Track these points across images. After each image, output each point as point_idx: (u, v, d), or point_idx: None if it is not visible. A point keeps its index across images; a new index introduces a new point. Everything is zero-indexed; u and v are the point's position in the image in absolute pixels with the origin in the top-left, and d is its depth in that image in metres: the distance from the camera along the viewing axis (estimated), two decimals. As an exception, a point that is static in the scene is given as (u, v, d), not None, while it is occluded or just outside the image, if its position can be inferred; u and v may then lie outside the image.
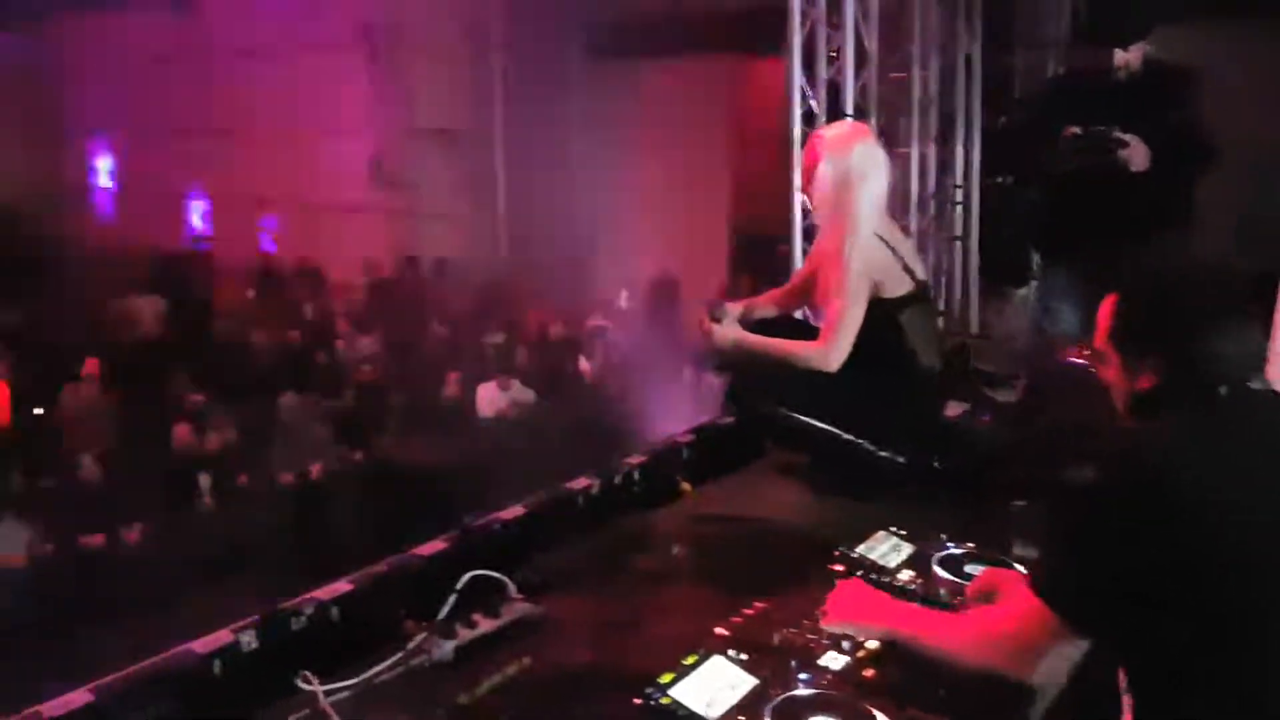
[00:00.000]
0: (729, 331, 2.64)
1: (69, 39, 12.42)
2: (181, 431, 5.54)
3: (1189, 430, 1.41)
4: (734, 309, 2.77)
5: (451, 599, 1.91)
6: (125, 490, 5.00)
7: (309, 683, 1.70)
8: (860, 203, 2.59)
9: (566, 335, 8.75)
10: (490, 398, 7.47)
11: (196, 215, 12.25)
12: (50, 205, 12.81)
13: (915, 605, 1.75)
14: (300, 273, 10.26)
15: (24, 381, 6.51)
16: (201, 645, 1.75)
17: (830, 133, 2.77)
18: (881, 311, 2.58)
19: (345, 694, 1.71)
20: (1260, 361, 1.48)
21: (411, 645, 1.81)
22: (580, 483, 2.69)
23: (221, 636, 1.78)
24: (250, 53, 10.51)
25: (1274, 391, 1.48)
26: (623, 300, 9.52)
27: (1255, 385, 1.44)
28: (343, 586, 1.98)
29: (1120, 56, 3.24)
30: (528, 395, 7.63)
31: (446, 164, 10.33)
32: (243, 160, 10.95)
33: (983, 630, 1.56)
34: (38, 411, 6.08)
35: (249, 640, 1.81)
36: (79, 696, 1.63)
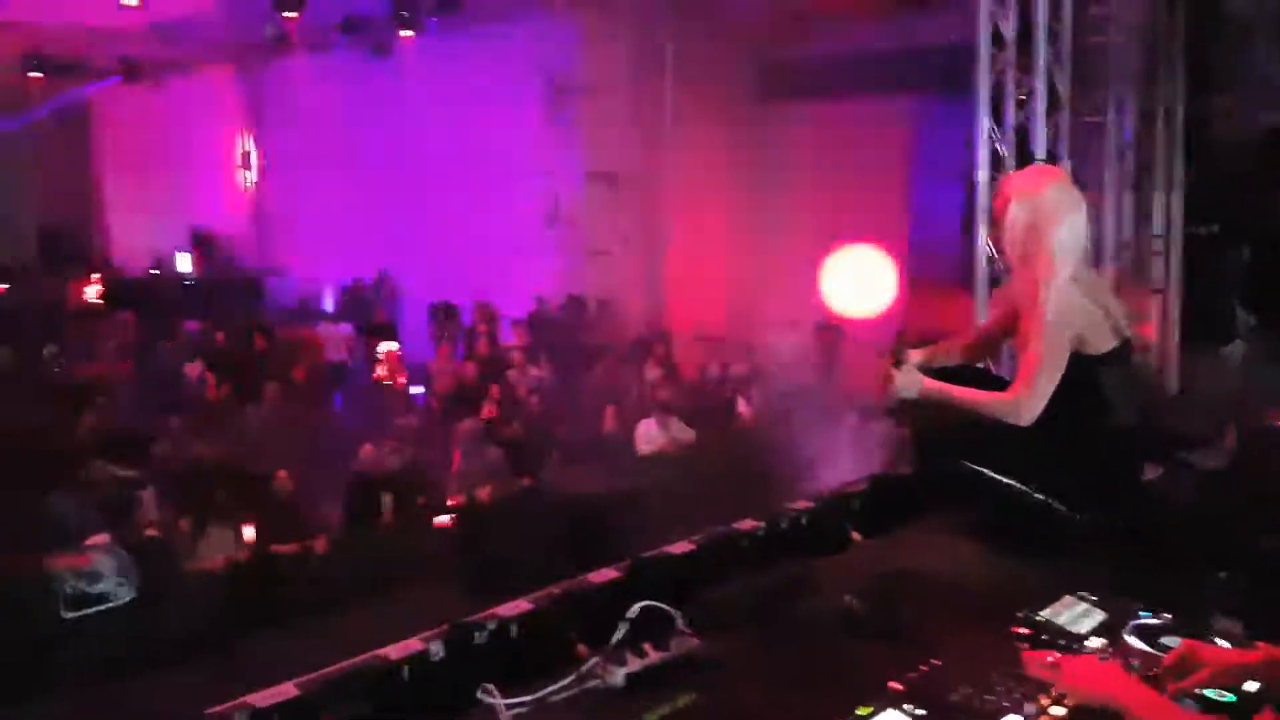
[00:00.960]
0: (911, 379, 2.53)
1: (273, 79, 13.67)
2: (366, 451, 5.92)
3: None
4: (915, 356, 2.68)
5: (624, 627, 1.95)
6: (314, 504, 5.38)
7: (491, 695, 1.77)
8: (1054, 246, 2.48)
9: (728, 375, 8.76)
10: (649, 434, 7.56)
11: (381, 249, 13.10)
12: (250, 236, 14.08)
13: (1157, 694, 1.61)
14: (476, 306, 10.78)
15: (229, 401, 7.14)
16: (394, 651, 1.87)
17: (1019, 175, 2.69)
18: (1083, 368, 2.45)
19: (523, 709, 1.77)
20: None
21: (585, 668, 1.86)
22: (746, 524, 2.70)
23: (412, 644, 1.89)
24: (438, 99, 11.23)
25: None
26: (788, 342, 9.44)
27: None
28: (522, 605, 2.06)
29: None
30: (687, 433, 7.67)
31: (615, 205, 10.63)
32: (426, 198, 11.66)
33: None
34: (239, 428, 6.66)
35: (437, 650, 1.91)
36: (286, 690, 1.77)
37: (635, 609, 1.98)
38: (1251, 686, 1.78)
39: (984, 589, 2.26)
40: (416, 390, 8.61)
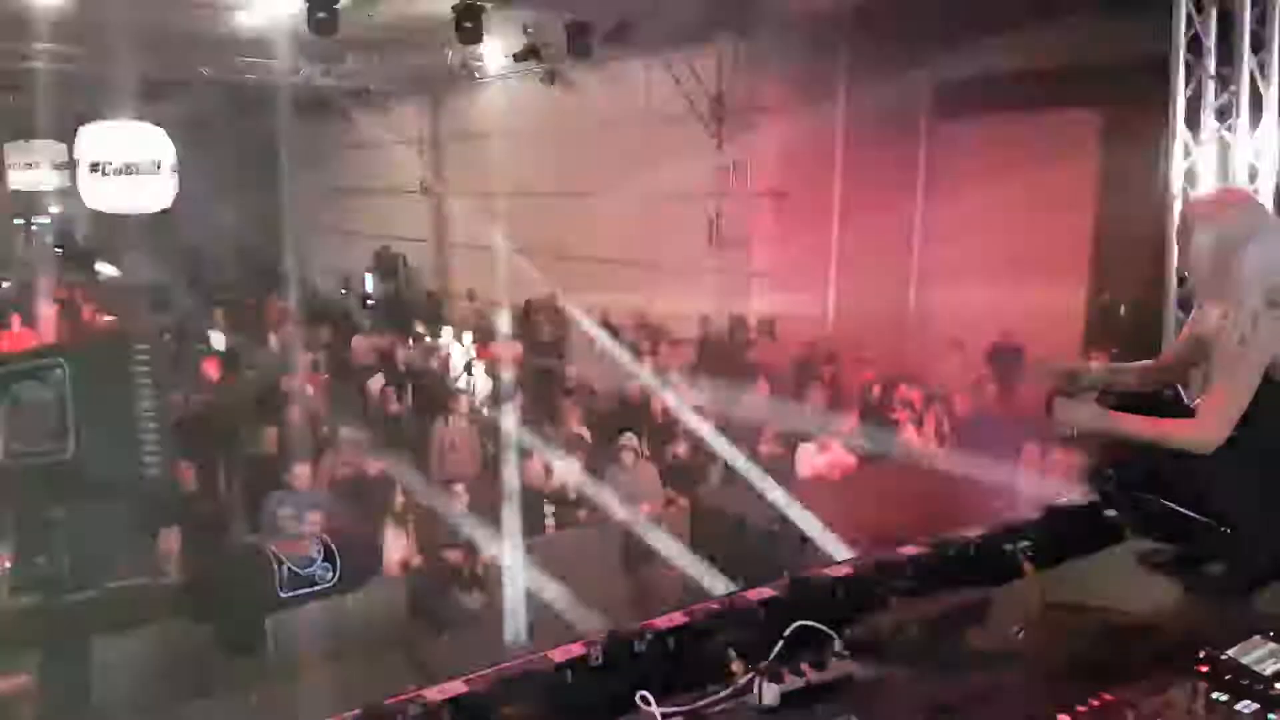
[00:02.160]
0: (1081, 408, 2.43)
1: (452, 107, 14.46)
2: (533, 465, 6.17)
3: None
4: (1091, 368, 2.55)
5: (779, 645, 1.96)
6: (485, 514, 5.66)
7: (647, 704, 1.83)
8: (1244, 271, 2.34)
9: (894, 399, 8.54)
10: (809, 458, 7.48)
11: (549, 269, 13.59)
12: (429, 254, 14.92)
13: None
14: (640, 326, 10.99)
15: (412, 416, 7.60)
16: (558, 654, 1.95)
17: (1202, 200, 2.56)
18: (1271, 395, 2.29)
19: (678, 719, 1.82)
20: None
21: (741, 683, 1.88)
22: (910, 549, 2.64)
23: (574, 649, 1.97)
24: (612, 122, 11.58)
25: None
26: (958, 366, 9.10)
27: None
28: (678, 619, 2.11)
29: None
30: (848, 459, 7.53)
31: (780, 224, 10.60)
32: (598, 220, 12.01)
33: None
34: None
35: (596, 655, 1.98)
36: (454, 686, 1.89)
37: (792, 627, 1.99)
38: None
39: (1162, 624, 2.14)
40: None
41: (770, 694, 1.88)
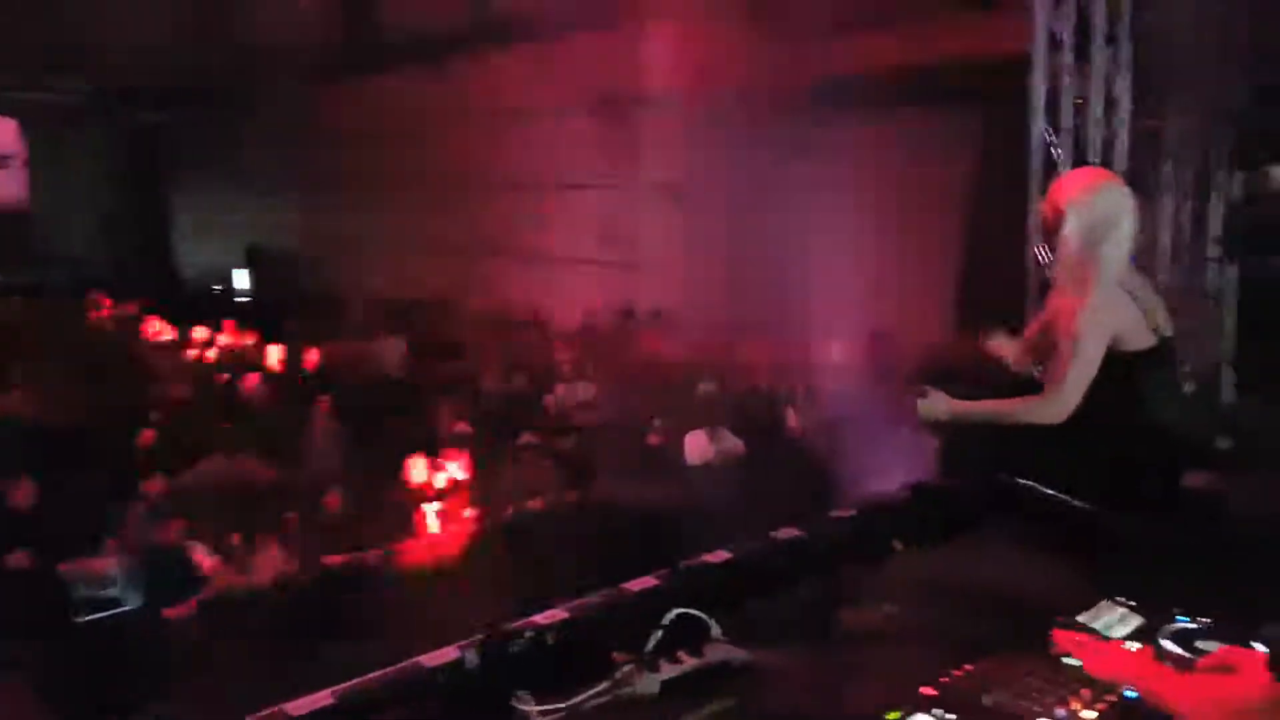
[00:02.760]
0: (937, 404, 2.53)
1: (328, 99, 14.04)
2: (416, 464, 6.03)
3: None
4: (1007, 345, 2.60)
5: (657, 634, 1.97)
6: (363, 518, 5.50)
7: (524, 704, 1.81)
8: (1106, 251, 2.46)
9: (779, 387, 8.73)
10: (698, 446, 7.57)
11: (435, 264, 13.33)
12: (310, 254, 14.45)
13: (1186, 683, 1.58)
14: (530, 320, 10.91)
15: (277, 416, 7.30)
16: (430, 659, 1.91)
17: (1072, 181, 2.64)
18: (1119, 367, 2.43)
19: (557, 717, 1.80)
20: None
21: (619, 675, 1.88)
22: (786, 533, 2.70)
23: (448, 653, 1.93)
24: (496, 114, 11.44)
25: None
26: (838, 354, 9.38)
27: None
28: (559, 614, 2.10)
29: None
30: (737, 445, 7.66)
31: (669, 219, 10.68)
32: (481, 213, 11.86)
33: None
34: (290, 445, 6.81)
35: (472, 658, 1.95)
36: (321, 698, 1.82)
37: (670, 616, 2.01)
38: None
39: (1022, 595, 2.23)
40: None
41: (649, 683, 1.89)
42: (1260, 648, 1.76)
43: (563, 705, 1.81)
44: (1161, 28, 4.82)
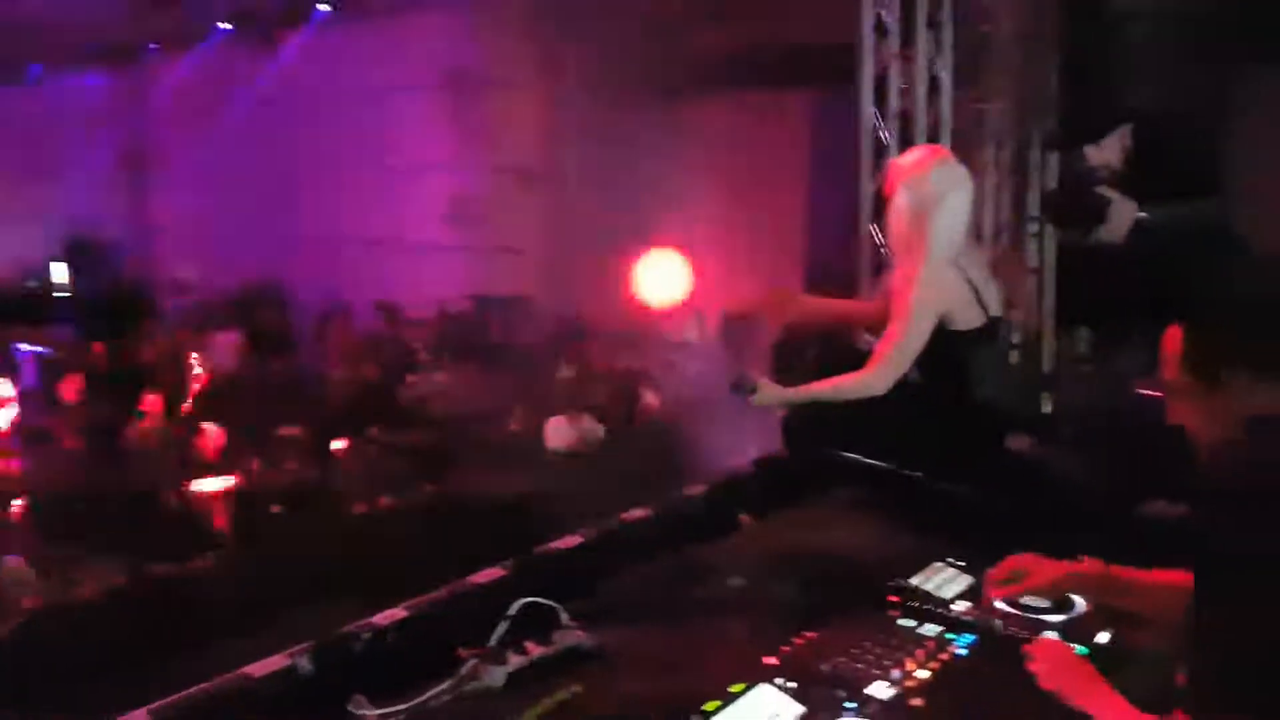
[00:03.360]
0: (768, 394, 2.51)
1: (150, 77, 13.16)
2: (253, 465, 5.72)
3: None
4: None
5: (503, 625, 1.92)
6: (197, 523, 5.18)
7: (361, 707, 1.72)
8: (937, 228, 2.52)
9: (637, 370, 8.78)
10: (559, 431, 7.52)
11: (277, 252, 12.71)
12: (133, 241, 13.51)
13: (1107, 686, 1.56)
14: (378, 309, 10.56)
15: (99, 417, 6.79)
16: (258, 669, 1.80)
17: (907, 159, 2.69)
18: (948, 344, 2.52)
19: (398, 719, 1.73)
20: None
21: (463, 671, 1.83)
22: (637, 513, 2.70)
23: (277, 661, 1.82)
24: (332, 93, 10.98)
25: None
26: (694, 334, 9.52)
27: None
28: (398, 613, 2.02)
29: (1095, 155, 3.01)
30: (597, 429, 7.65)
31: (521, 201, 10.54)
32: (323, 198, 11.39)
33: None
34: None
35: (305, 665, 1.85)
36: (138, 718, 1.69)
37: (515, 606, 1.96)
38: (1103, 637, 1.87)
39: (862, 562, 2.31)
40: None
41: (495, 676, 1.84)
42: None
43: (403, 706, 1.74)
44: (979, 13, 5.06)
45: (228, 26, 11.23)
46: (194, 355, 8.49)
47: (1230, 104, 3.97)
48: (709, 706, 1.61)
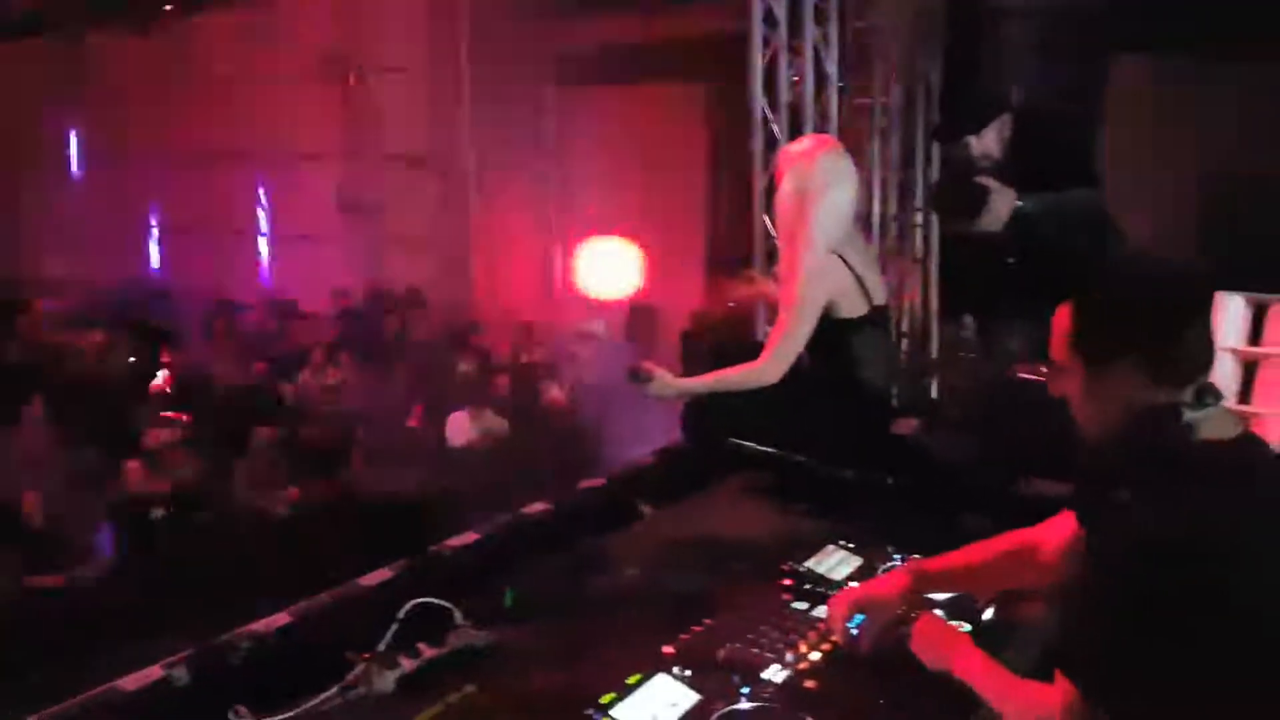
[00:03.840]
0: (664, 385, 2.52)
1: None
2: (133, 468, 5.44)
3: (1196, 496, 1.36)
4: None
5: (392, 628, 1.86)
6: (78, 530, 4.90)
7: (242, 717, 1.65)
8: (820, 216, 2.55)
9: (540, 362, 8.70)
10: (460, 427, 7.40)
11: (159, 245, 12.14)
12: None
13: (985, 657, 1.60)
14: (269, 302, 10.19)
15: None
16: (130, 682, 1.70)
17: (795, 148, 2.71)
18: (835, 333, 2.57)
19: (281, 729, 1.66)
20: (1211, 362, 1.46)
21: (350, 676, 1.77)
22: (536, 508, 2.67)
23: (151, 673, 1.73)
24: (217, 80, 10.53)
25: (1237, 440, 1.45)
26: (598, 326, 9.49)
27: (1209, 400, 1.42)
28: (281, 619, 1.94)
29: (976, 145, 3.12)
30: (500, 424, 7.56)
31: (416, 190, 10.32)
32: (208, 188, 10.93)
33: (1028, 708, 1.47)
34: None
35: (180, 676, 1.76)
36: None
37: (406, 608, 1.91)
38: (988, 614, 1.93)
39: (758, 547, 2.34)
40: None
41: (385, 681, 1.78)
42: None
43: (286, 715, 1.68)
44: (864, 7, 5.18)
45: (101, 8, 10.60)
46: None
47: (1102, 93, 4.16)
48: (605, 699, 1.60)
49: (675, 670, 1.69)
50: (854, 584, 2.02)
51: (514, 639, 1.97)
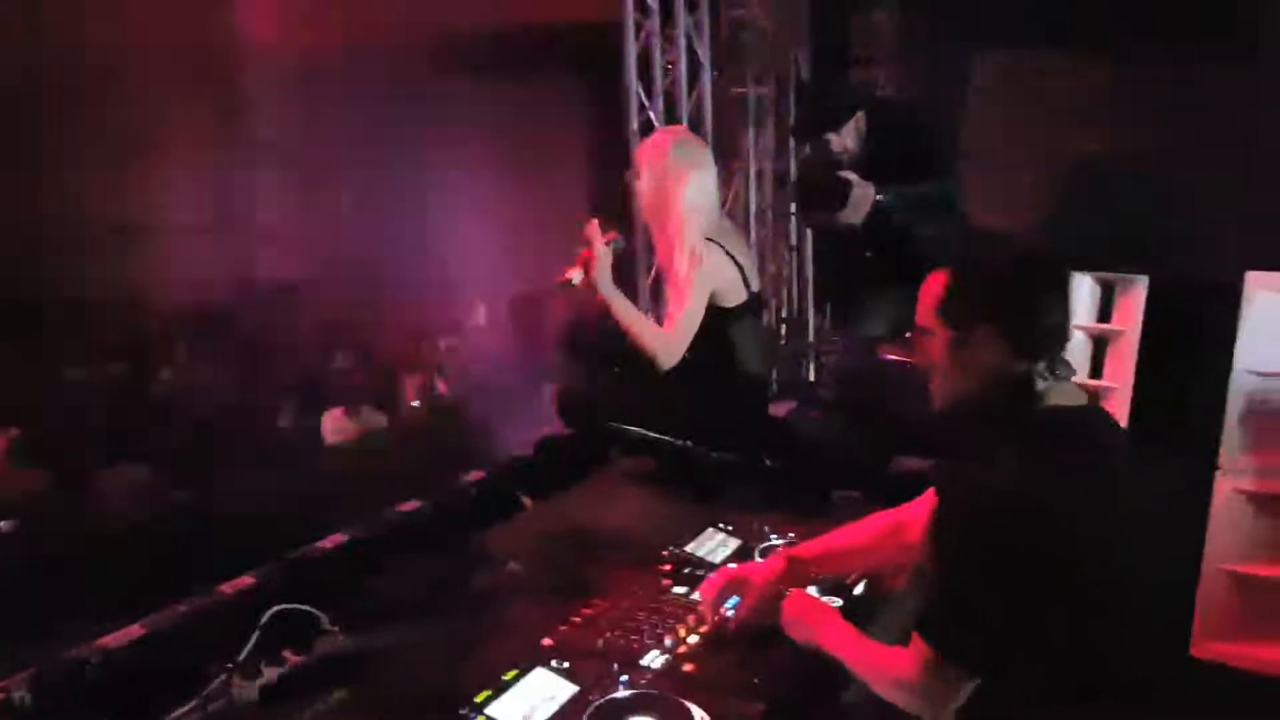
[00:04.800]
0: (603, 269, 2.41)
1: None
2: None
3: (1048, 461, 1.42)
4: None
5: (254, 637, 1.77)
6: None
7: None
8: (688, 198, 2.57)
9: (419, 356, 8.51)
10: (336, 424, 7.17)
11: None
12: None
13: (851, 629, 1.64)
14: (125, 298, 9.60)
15: None
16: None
17: (647, 141, 2.76)
18: (715, 320, 2.59)
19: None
20: (1068, 338, 1.52)
21: (210, 689, 1.67)
22: (411, 504, 2.59)
23: (-14, 697, 1.59)
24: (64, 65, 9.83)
25: (1078, 408, 1.52)
26: (479, 317, 9.35)
27: (1061, 372, 1.48)
28: (134, 631, 1.82)
29: (836, 140, 3.19)
30: (379, 419, 7.35)
31: (284, 182, 9.91)
32: (58, 177, 10.20)
33: (889, 672, 1.51)
34: None
35: (23, 696, 1.63)
36: None
37: (267, 615, 1.82)
38: (859, 589, 1.98)
39: (640, 533, 2.33)
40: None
41: (248, 691, 1.70)
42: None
43: (143, 733, 1.57)
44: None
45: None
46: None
47: (958, 87, 4.32)
48: (480, 697, 1.56)
49: (554, 663, 1.66)
50: (732, 565, 2.03)
51: (388, 641, 1.91)
